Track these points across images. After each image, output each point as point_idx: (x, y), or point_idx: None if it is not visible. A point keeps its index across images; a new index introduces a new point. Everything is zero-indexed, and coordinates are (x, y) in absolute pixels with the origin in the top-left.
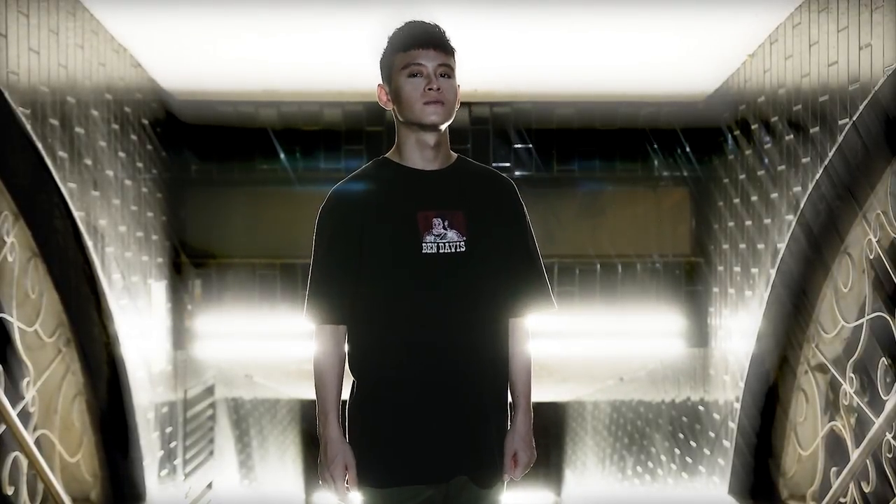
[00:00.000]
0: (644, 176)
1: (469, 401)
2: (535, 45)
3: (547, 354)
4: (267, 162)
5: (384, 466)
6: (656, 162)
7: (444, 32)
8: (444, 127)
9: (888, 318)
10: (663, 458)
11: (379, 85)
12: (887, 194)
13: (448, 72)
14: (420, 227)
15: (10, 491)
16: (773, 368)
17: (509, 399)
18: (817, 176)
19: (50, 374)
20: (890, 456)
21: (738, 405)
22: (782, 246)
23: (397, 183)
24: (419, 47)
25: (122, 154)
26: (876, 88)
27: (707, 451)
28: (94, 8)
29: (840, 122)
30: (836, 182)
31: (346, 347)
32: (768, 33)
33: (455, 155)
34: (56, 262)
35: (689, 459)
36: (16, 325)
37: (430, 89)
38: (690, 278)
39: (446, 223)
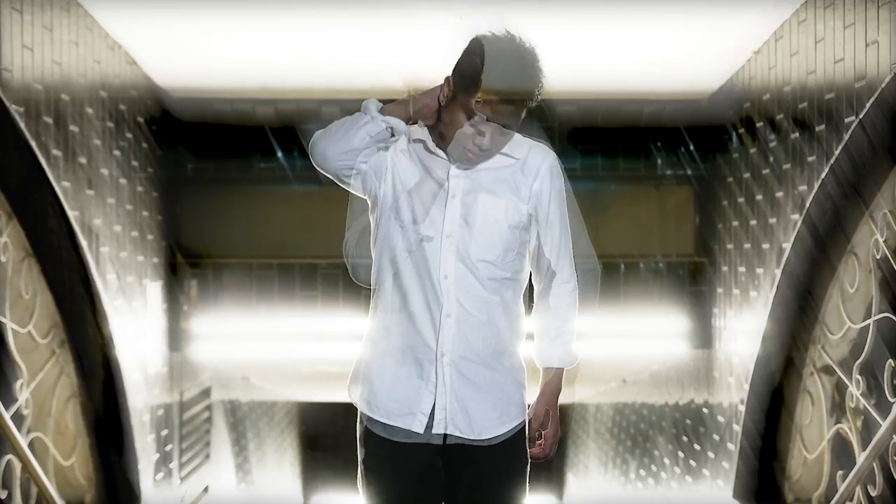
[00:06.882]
0: (647, 175)
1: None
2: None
3: None
4: (264, 160)
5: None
6: (660, 160)
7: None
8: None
9: (895, 319)
10: (667, 461)
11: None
12: (894, 193)
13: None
14: None
15: (3, 495)
16: (778, 370)
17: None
18: (823, 175)
19: (44, 375)
20: None
21: (742, 407)
22: (787, 246)
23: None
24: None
25: (116, 152)
26: (883, 86)
27: (711, 455)
28: (88, 4)
29: (846, 120)
30: (842, 181)
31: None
32: (773, 30)
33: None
34: (50, 263)
35: (692, 462)
36: (9, 326)
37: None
38: (694, 279)
39: None
